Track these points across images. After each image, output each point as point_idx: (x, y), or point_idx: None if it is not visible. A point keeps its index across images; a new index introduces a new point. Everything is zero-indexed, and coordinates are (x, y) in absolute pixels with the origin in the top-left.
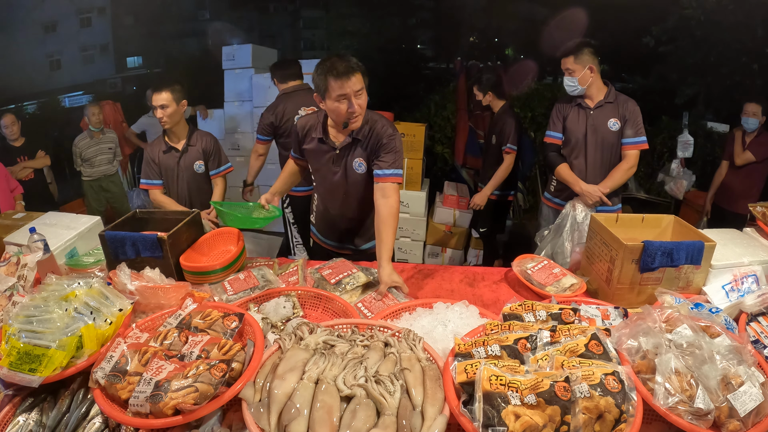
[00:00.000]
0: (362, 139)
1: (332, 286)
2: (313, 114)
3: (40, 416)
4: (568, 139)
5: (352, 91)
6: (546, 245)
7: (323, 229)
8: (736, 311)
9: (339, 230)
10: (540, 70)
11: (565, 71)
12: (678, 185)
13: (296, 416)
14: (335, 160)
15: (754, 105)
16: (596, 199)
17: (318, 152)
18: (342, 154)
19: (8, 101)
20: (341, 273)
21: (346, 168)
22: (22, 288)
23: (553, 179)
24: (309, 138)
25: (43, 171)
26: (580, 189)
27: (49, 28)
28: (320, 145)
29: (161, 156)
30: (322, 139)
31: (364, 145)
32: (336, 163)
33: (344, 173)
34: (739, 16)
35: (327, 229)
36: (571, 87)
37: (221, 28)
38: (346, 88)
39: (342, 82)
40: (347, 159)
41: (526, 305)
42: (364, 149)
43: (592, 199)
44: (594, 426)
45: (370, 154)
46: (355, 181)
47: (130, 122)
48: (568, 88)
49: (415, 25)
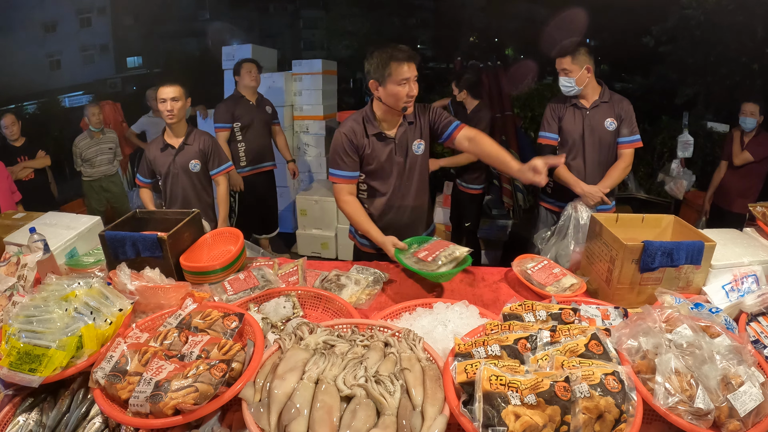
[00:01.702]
0: (414, 120)
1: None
2: (350, 120)
3: (40, 416)
4: (565, 140)
5: (413, 76)
6: (550, 248)
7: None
8: (736, 311)
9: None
10: (540, 70)
11: (560, 72)
12: (678, 185)
13: (296, 416)
14: (396, 150)
15: (751, 105)
16: (597, 199)
17: (378, 149)
18: (401, 142)
19: (8, 101)
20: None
21: (407, 154)
22: (22, 288)
23: (549, 181)
24: (365, 138)
25: (43, 171)
26: (581, 190)
27: (49, 28)
28: (378, 143)
29: (157, 155)
30: (381, 134)
31: (418, 125)
32: (398, 153)
33: (407, 160)
34: (739, 16)
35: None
36: (568, 87)
37: (221, 28)
38: (409, 72)
39: (407, 66)
40: (407, 144)
41: (526, 305)
42: (420, 129)
43: (593, 199)
44: (594, 426)
45: (426, 132)
46: (416, 164)
47: (130, 122)
48: (564, 89)
49: (415, 25)
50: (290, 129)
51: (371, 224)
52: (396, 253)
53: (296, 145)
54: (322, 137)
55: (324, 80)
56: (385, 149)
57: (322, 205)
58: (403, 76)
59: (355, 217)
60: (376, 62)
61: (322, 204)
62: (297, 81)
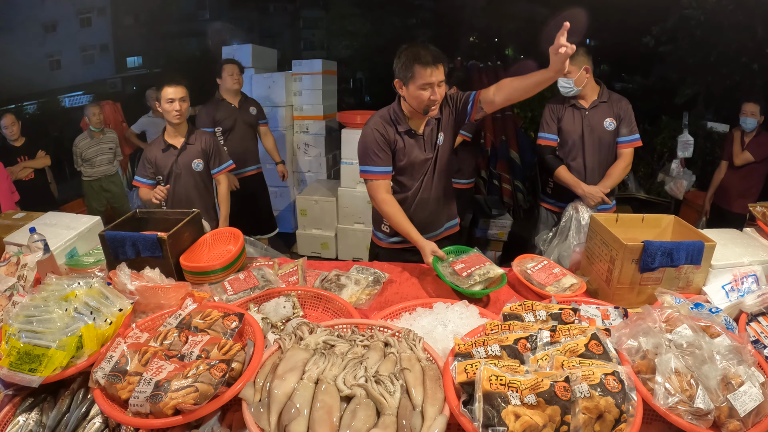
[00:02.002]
0: (441, 116)
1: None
2: (378, 116)
3: (40, 416)
4: (565, 140)
5: (436, 81)
6: (552, 249)
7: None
8: (736, 311)
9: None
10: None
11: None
12: (678, 185)
13: (296, 416)
14: (425, 146)
15: (752, 105)
16: (598, 200)
17: (408, 145)
18: (429, 138)
19: (8, 101)
20: (474, 266)
21: (436, 150)
22: (22, 288)
23: (549, 182)
24: (395, 135)
25: (43, 171)
26: (582, 191)
27: (49, 28)
28: (408, 139)
29: (159, 155)
30: (410, 131)
31: (445, 120)
32: (427, 149)
33: (436, 156)
34: (739, 16)
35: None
36: (567, 88)
37: (221, 28)
38: (431, 77)
39: (430, 71)
40: (435, 140)
41: (526, 305)
42: (446, 123)
43: (594, 200)
44: (594, 426)
45: (449, 124)
46: (441, 158)
47: (130, 122)
48: (562, 89)
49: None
50: (290, 129)
51: (411, 226)
52: (434, 260)
53: (296, 145)
54: (322, 137)
55: (324, 80)
56: (415, 146)
57: (322, 205)
58: (426, 81)
59: (396, 217)
60: (401, 62)
61: (322, 204)
62: (297, 81)
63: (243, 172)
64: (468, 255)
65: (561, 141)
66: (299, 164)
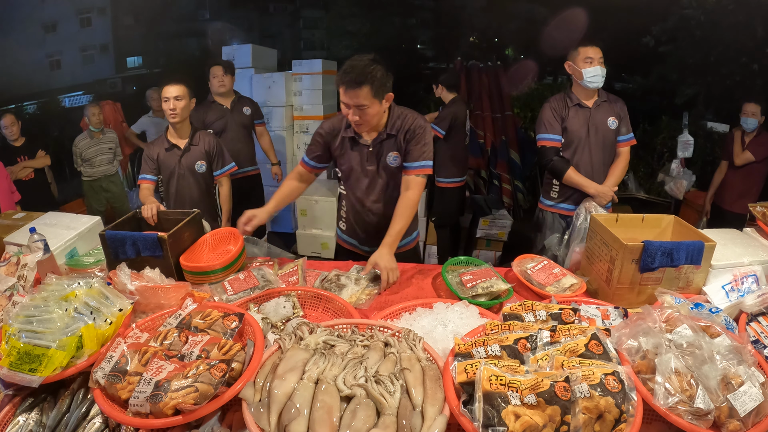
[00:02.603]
0: (395, 133)
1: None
2: (336, 116)
3: (40, 416)
4: (569, 140)
5: (353, 103)
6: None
7: (358, 233)
8: (736, 311)
9: (377, 231)
10: (540, 70)
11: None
12: (678, 185)
13: (296, 416)
14: (369, 157)
15: (753, 105)
16: (609, 198)
17: (350, 150)
18: (375, 151)
19: (8, 101)
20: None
21: (380, 163)
22: (22, 288)
23: (554, 185)
24: (338, 138)
25: (43, 171)
26: (595, 190)
27: (49, 28)
28: (351, 144)
29: (162, 154)
30: (354, 138)
31: (398, 138)
32: (370, 160)
33: (380, 169)
34: (739, 16)
35: (363, 233)
36: (599, 78)
37: (221, 28)
38: (348, 99)
39: (344, 90)
40: (381, 154)
41: (526, 305)
42: (398, 142)
43: (606, 199)
44: (594, 426)
45: (403, 146)
46: (391, 175)
47: (130, 122)
48: (595, 80)
49: (415, 25)
50: (290, 129)
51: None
52: (445, 265)
53: (296, 145)
54: None
55: (324, 80)
56: (356, 154)
57: (322, 205)
58: (343, 100)
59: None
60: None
61: (322, 204)
62: (297, 81)
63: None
64: (479, 268)
65: (565, 141)
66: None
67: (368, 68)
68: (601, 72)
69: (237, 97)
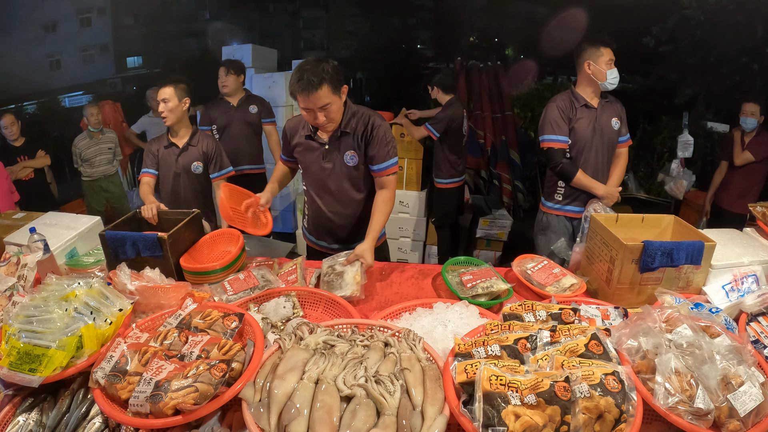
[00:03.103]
0: (351, 131)
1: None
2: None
3: (40, 416)
4: (575, 141)
5: (316, 107)
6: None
7: (319, 231)
8: (736, 311)
9: (336, 230)
10: (540, 70)
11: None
12: (678, 185)
13: (296, 416)
14: (325, 155)
15: (752, 105)
16: (615, 199)
17: (307, 149)
18: (332, 149)
19: (8, 101)
20: (480, 278)
21: (337, 162)
22: (22, 288)
23: (559, 187)
24: (297, 136)
25: (43, 171)
26: (603, 192)
27: (49, 28)
28: (309, 142)
29: (162, 151)
30: (310, 136)
31: (354, 137)
32: (327, 159)
33: (336, 168)
34: (739, 16)
35: (323, 231)
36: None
37: (221, 28)
38: (308, 103)
39: (303, 97)
40: (338, 153)
41: (526, 305)
42: (355, 141)
43: (613, 199)
44: (594, 426)
45: (361, 145)
46: (348, 175)
47: (130, 122)
48: (615, 81)
49: (415, 25)
50: None
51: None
52: (445, 265)
53: None
54: None
55: None
56: (314, 151)
57: None
58: (301, 106)
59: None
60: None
61: None
62: None
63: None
64: (479, 269)
65: (571, 142)
66: None
67: (319, 67)
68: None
69: (246, 96)
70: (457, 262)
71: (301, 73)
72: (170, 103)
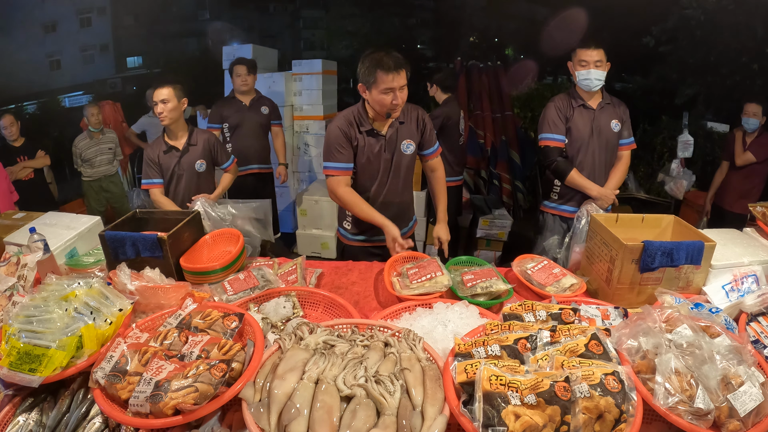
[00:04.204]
0: (407, 121)
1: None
2: (342, 116)
3: (40, 416)
4: (573, 141)
5: (399, 85)
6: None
7: (367, 227)
8: (736, 311)
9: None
10: (540, 70)
11: (593, 64)
12: (678, 185)
13: (296, 416)
14: (386, 147)
15: (754, 105)
16: (611, 201)
17: (368, 145)
18: (392, 140)
19: (8, 101)
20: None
21: (395, 152)
22: (22, 288)
23: (555, 186)
24: (355, 135)
25: (43, 171)
26: (597, 193)
27: (49, 28)
28: (369, 138)
29: (161, 156)
30: (372, 131)
31: (410, 126)
32: (387, 150)
33: (394, 158)
34: (739, 16)
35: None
36: (599, 82)
37: (221, 28)
38: (393, 83)
39: (391, 77)
40: (396, 143)
41: (526, 305)
42: (410, 129)
43: (608, 202)
44: (594, 426)
45: (416, 133)
46: (404, 164)
47: (130, 122)
48: (593, 84)
49: (415, 25)
50: (290, 129)
51: (374, 210)
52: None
53: (296, 144)
54: (322, 137)
55: (324, 80)
56: (375, 145)
57: (322, 205)
58: (387, 86)
59: (358, 206)
60: (364, 67)
61: (322, 204)
62: (297, 81)
63: (245, 169)
64: (480, 268)
65: (568, 141)
66: (299, 164)
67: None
68: (594, 75)
69: (257, 96)
70: (459, 261)
71: (389, 55)
72: (170, 104)
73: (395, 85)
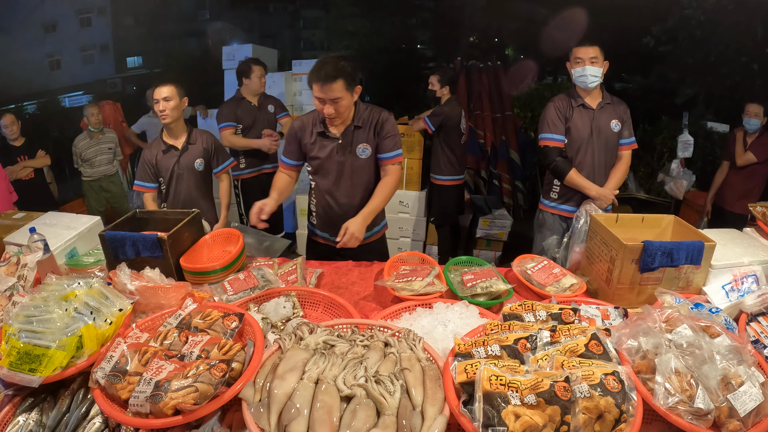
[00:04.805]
0: (362, 125)
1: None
2: (307, 114)
3: (40, 416)
4: (572, 141)
5: (328, 98)
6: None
7: (328, 226)
8: (736, 311)
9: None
10: (540, 70)
11: (586, 61)
12: (678, 185)
13: (296, 416)
14: (339, 149)
15: (755, 105)
16: (610, 201)
17: (321, 145)
18: (345, 143)
19: (8, 101)
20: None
21: (349, 155)
22: (22, 288)
23: (555, 185)
24: (308, 134)
25: (43, 171)
26: (596, 193)
27: (49, 28)
28: (321, 139)
29: (160, 156)
30: (323, 132)
31: (366, 130)
32: (340, 153)
33: (349, 161)
34: (739, 16)
35: (332, 226)
36: (595, 79)
37: (221, 28)
38: (320, 93)
39: (319, 86)
40: (351, 146)
41: (526, 305)
42: (367, 133)
43: (607, 202)
44: (594, 426)
45: (372, 138)
46: (360, 167)
47: (130, 122)
48: (589, 81)
49: (415, 25)
50: None
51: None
52: (447, 265)
53: None
54: None
55: None
56: (326, 147)
57: None
58: (316, 95)
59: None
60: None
61: None
62: (297, 81)
63: (261, 169)
64: (481, 268)
65: (568, 141)
66: None
67: (339, 63)
68: (589, 72)
69: (263, 95)
70: (459, 261)
71: (322, 65)
72: (172, 102)
73: (323, 96)
